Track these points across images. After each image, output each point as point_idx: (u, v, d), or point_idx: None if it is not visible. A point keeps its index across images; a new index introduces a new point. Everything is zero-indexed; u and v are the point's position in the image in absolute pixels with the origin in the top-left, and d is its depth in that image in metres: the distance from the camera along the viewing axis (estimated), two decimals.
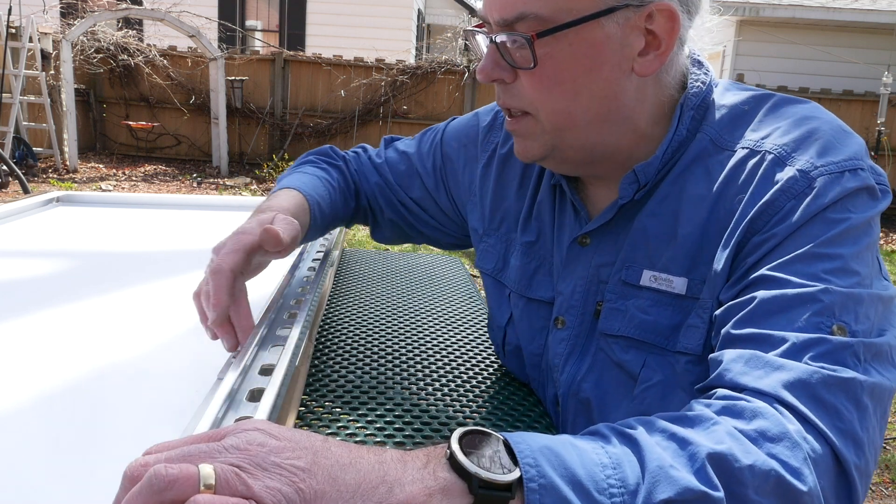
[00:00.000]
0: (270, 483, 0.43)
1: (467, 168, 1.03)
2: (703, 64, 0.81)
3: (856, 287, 0.64)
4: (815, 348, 0.60)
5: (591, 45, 0.71)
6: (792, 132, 0.72)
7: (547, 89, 0.74)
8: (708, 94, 0.79)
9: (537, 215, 0.92)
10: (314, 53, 9.66)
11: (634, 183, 0.78)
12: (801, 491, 0.52)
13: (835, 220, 0.66)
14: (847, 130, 0.73)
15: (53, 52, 8.20)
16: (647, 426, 0.55)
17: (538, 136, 0.78)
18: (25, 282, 1.10)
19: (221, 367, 0.73)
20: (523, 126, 0.79)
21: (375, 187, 1.10)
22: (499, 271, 0.97)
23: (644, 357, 0.77)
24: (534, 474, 0.48)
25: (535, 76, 0.73)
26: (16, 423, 0.67)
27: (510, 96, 0.77)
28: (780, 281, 0.65)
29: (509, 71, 0.75)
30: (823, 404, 0.57)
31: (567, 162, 0.81)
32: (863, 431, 0.58)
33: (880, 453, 0.63)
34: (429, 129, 1.11)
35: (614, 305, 0.80)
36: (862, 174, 0.68)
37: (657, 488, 0.49)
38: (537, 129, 0.78)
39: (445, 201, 1.07)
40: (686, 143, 0.78)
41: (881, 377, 0.61)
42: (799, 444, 0.54)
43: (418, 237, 1.14)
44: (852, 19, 9.43)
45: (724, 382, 0.62)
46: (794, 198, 0.67)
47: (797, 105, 0.76)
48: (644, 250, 0.78)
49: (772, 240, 0.67)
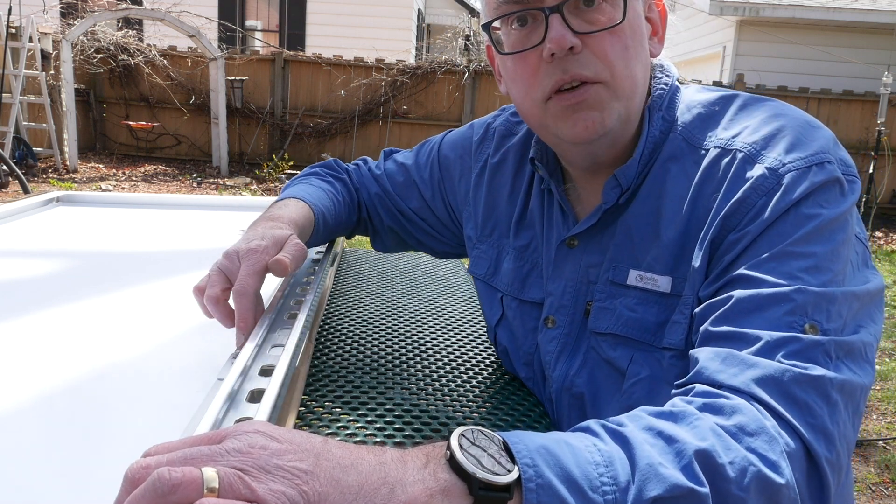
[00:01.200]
0: (274, 486, 0.43)
1: (463, 178, 1.06)
2: (664, 67, 0.86)
3: (828, 285, 0.66)
4: (787, 347, 0.62)
5: (639, 16, 0.79)
6: (760, 130, 0.75)
7: (625, 49, 0.77)
8: (673, 94, 0.83)
9: (529, 220, 0.95)
10: (314, 53, 9.67)
11: (617, 187, 0.81)
12: (780, 484, 0.54)
13: (807, 216, 0.68)
14: (814, 125, 0.75)
15: (53, 52, 8.20)
16: (635, 423, 0.57)
17: (611, 105, 0.77)
18: (25, 282, 1.10)
19: (222, 367, 0.73)
20: (594, 95, 0.77)
21: (375, 197, 1.14)
22: (490, 276, 1.01)
23: (631, 353, 0.80)
24: (531, 474, 0.49)
25: (615, 35, 0.76)
26: (16, 423, 0.67)
27: (581, 65, 0.76)
28: (755, 280, 0.67)
29: (577, 39, 0.75)
30: (795, 401, 0.60)
31: (614, 143, 0.81)
32: (833, 426, 0.60)
33: (854, 448, 0.65)
34: (426, 141, 1.15)
35: (603, 304, 0.83)
36: (829, 167, 0.70)
37: (647, 486, 0.51)
38: (610, 97, 0.77)
39: (442, 210, 1.10)
40: (660, 144, 0.81)
41: (852, 374, 0.63)
42: (776, 438, 0.56)
43: (416, 245, 1.18)
44: (852, 19, 9.42)
45: (702, 379, 0.64)
46: (765, 195, 0.70)
47: (764, 103, 0.79)
48: (629, 250, 0.81)
49: (746, 237, 0.70)
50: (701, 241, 0.74)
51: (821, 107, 8.91)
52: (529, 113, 0.83)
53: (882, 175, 8.55)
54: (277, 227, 0.88)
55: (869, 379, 0.65)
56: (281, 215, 0.93)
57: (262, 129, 9.44)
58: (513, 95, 0.85)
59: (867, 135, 8.75)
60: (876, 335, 0.68)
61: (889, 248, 7.07)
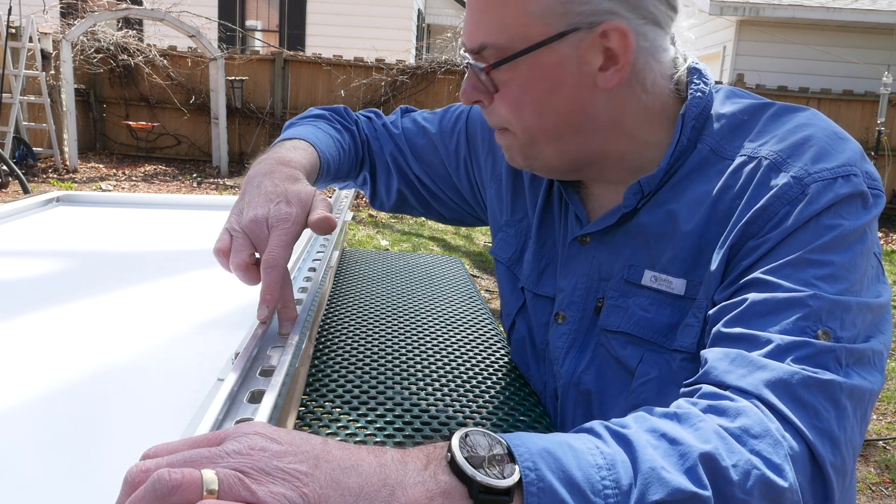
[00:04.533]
0: (274, 488, 0.43)
1: (490, 155, 1.05)
2: (702, 72, 0.84)
3: (844, 294, 0.65)
4: (798, 351, 0.62)
5: (548, 68, 0.76)
6: (788, 139, 0.74)
7: (514, 109, 0.80)
8: (709, 102, 0.82)
9: (549, 214, 0.96)
10: (314, 53, 9.66)
11: (639, 193, 0.81)
12: (783, 487, 0.54)
13: (827, 227, 0.68)
14: (843, 136, 0.75)
15: (53, 52, 8.20)
16: (639, 424, 0.57)
17: (518, 149, 0.84)
18: (25, 282, 1.10)
19: (222, 367, 0.73)
20: (505, 140, 0.85)
21: (389, 156, 1.12)
22: (514, 263, 1.00)
23: (642, 353, 0.80)
24: (533, 478, 0.49)
25: (502, 98, 0.80)
26: (16, 422, 0.67)
27: (489, 115, 0.84)
28: (771, 284, 0.67)
29: (486, 93, 0.81)
30: (802, 404, 0.59)
31: (552, 170, 0.86)
32: (840, 431, 0.60)
33: (860, 453, 0.64)
34: (450, 107, 1.12)
35: (616, 303, 0.83)
36: (854, 180, 0.70)
37: (649, 490, 0.51)
38: (516, 143, 0.84)
39: (465, 182, 1.09)
40: (687, 153, 0.80)
41: (862, 380, 0.63)
42: (780, 441, 0.56)
43: (423, 209, 1.16)
44: (852, 19, 9.41)
45: (710, 379, 0.64)
46: (788, 203, 0.70)
47: (795, 113, 0.78)
48: (645, 251, 0.81)
49: (766, 244, 0.70)
50: (720, 245, 0.74)
51: (821, 107, 8.90)
52: None
53: (882, 175, 8.55)
54: (294, 176, 0.84)
55: (878, 386, 0.65)
56: (293, 159, 0.89)
57: (262, 129, 9.44)
58: None
59: (867, 135, 8.74)
60: (886, 345, 0.68)
61: (889, 248, 7.07)
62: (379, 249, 5.58)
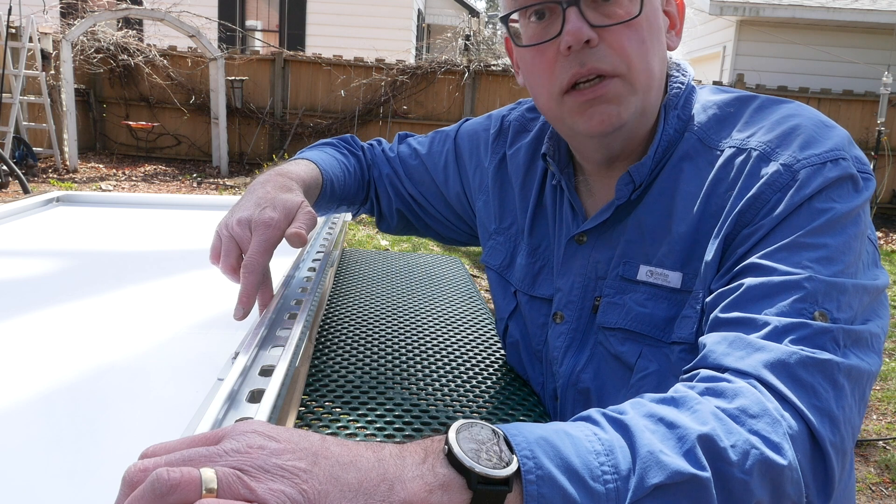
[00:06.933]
0: (274, 485, 0.43)
1: (479, 169, 1.07)
2: (680, 66, 0.86)
3: (839, 276, 0.66)
4: (795, 332, 0.63)
5: (657, 10, 0.79)
6: (775, 129, 0.76)
7: (641, 42, 0.77)
8: (689, 94, 0.84)
9: (541, 218, 0.96)
10: (314, 53, 9.66)
11: (630, 184, 0.82)
12: (782, 465, 0.54)
13: (819, 210, 0.69)
14: (829, 124, 0.76)
15: (53, 52, 8.20)
16: (636, 410, 0.57)
17: (627, 99, 0.78)
18: (25, 282, 1.10)
19: (222, 367, 0.73)
20: (613, 89, 0.77)
21: (386, 178, 1.15)
22: (505, 268, 1.01)
23: (640, 348, 0.80)
24: (531, 466, 0.49)
25: (632, 29, 0.77)
26: (16, 422, 0.67)
27: (598, 58, 0.76)
28: (766, 269, 0.68)
29: (594, 32, 0.76)
30: (801, 383, 0.60)
31: (630, 137, 0.83)
32: (839, 410, 0.60)
33: (859, 434, 0.65)
34: (440, 130, 1.16)
35: (612, 300, 0.84)
36: (843, 164, 0.71)
37: (648, 473, 0.51)
38: (627, 91, 0.78)
39: (455, 199, 1.11)
40: (675, 143, 0.82)
41: (860, 361, 0.63)
42: (779, 420, 0.56)
43: (423, 229, 1.19)
44: (852, 19, 9.41)
45: (708, 363, 0.64)
46: (780, 190, 0.71)
47: (780, 105, 0.79)
48: (640, 246, 0.82)
49: (760, 230, 0.71)
50: (715, 235, 0.75)
51: (821, 107, 8.90)
52: (546, 106, 0.84)
53: (882, 175, 8.54)
54: (287, 186, 0.89)
55: (876, 367, 0.65)
56: (291, 171, 0.95)
57: (262, 129, 9.43)
58: (529, 88, 0.86)
59: (867, 135, 8.74)
60: (883, 328, 0.69)
61: (889, 247, 7.07)
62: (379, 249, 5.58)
